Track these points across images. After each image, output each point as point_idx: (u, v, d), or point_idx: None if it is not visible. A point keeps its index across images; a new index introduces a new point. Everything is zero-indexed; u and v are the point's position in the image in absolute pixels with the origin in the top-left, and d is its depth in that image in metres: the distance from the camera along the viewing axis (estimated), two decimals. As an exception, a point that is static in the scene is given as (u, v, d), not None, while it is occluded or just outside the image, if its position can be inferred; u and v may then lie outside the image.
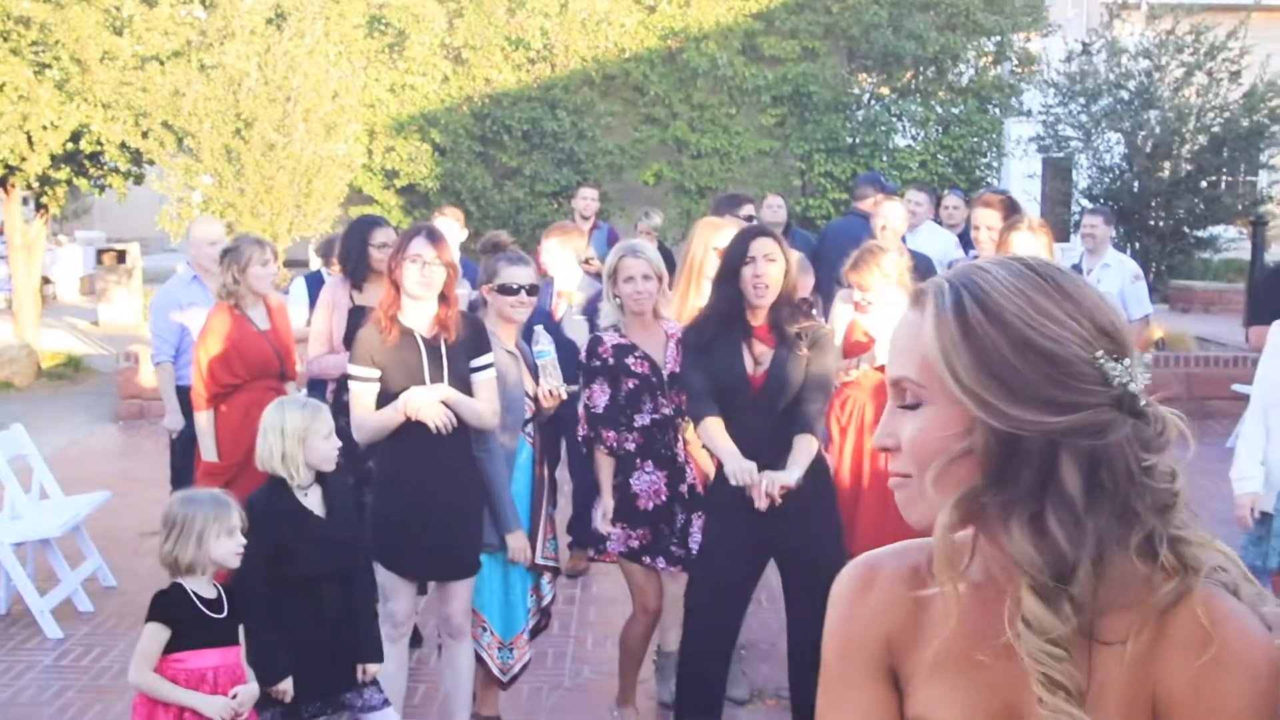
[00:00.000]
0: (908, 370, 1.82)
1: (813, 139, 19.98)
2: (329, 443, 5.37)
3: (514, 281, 6.33)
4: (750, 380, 5.83)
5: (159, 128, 16.54)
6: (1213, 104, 19.06)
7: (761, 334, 5.87)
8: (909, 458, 1.82)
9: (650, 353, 6.34)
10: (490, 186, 19.62)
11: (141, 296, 23.82)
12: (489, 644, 6.31)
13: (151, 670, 4.87)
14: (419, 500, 5.90)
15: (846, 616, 1.99)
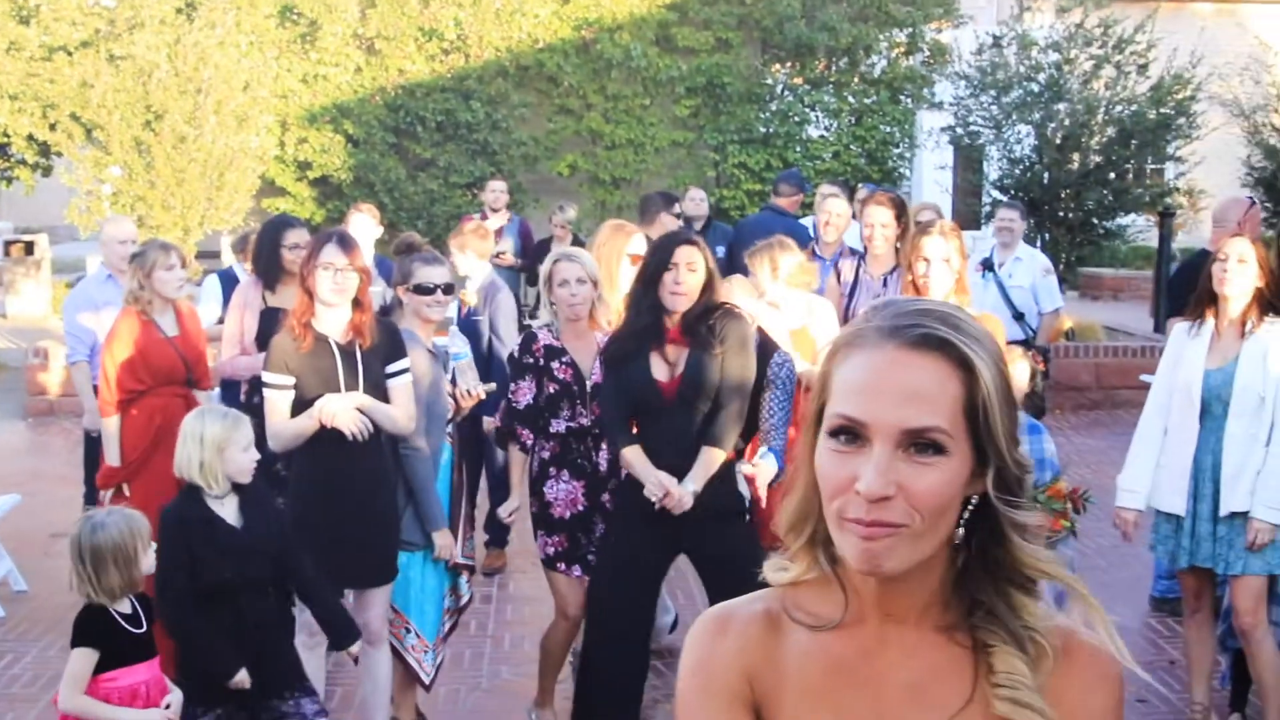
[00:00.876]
0: (938, 420, 1.79)
1: (726, 130, 20.04)
2: (247, 455, 5.33)
3: (430, 281, 6.36)
4: (662, 387, 5.84)
5: (67, 120, 16.35)
6: (1121, 96, 19.25)
7: (674, 336, 5.86)
8: (922, 508, 1.78)
9: (578, 360, 6.34)
10: (404, 178, 19.52)
11: (50, 289, 23.51)
12: (414, 646, 6.30)
13: (83, 694, 4.82)
14: (335, 508, 5.88)
15: (705, 656, 2.00)
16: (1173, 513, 6.30)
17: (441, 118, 19.63)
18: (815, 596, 1.96)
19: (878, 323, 1.86)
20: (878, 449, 1.78)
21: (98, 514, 4.98)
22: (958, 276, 6.65)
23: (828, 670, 1.92)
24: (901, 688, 1.89)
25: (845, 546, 1.82)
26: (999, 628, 1.87)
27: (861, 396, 1.81)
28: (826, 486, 1.83)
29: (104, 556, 4.83)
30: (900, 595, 1.89)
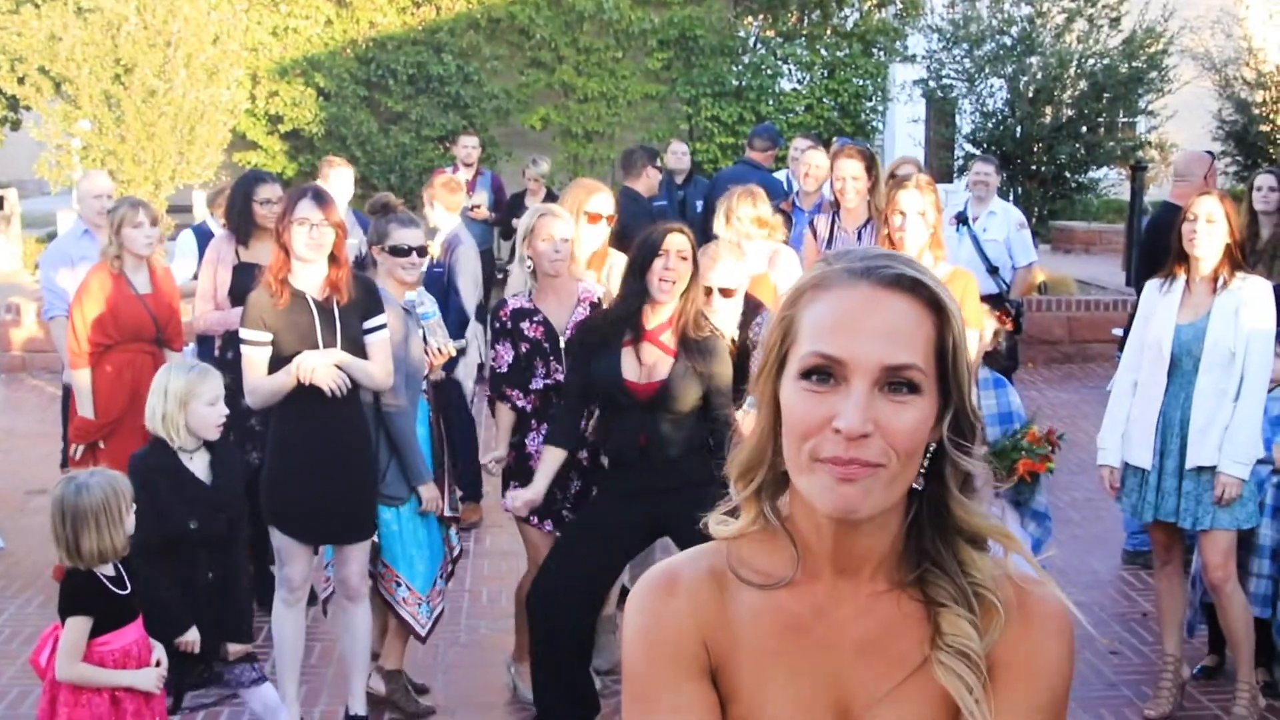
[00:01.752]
0: (916, 358, 1.80)
1: (699, 83, 19.98)
2: (213, 409, 5.34)
3: (405, 243, 6.45)
4: (632, 387, 5.86)
5: (35, 73, 16.22)
6: (1093, 50, 19.31)
7: (654, 338, 5.89)
8: (899, 447, 1.79)
9: (550, 317, 6.36)
10: (376, 131, 19.42)
11: (20, 244, 23.37)
12: (405, 599, 6.34)
13: (80, 662, 4.83)
14: (313, 464, 5.91)
15: (652, 622, 1.96)
16: (1139, 466, 6.36)
17: (413, 71, 19.51)
18: (762, 552, 1.95)
19: (844, 265, 1.86)
20: (856, 386, 1.78)
21: (80, 474, 4.96)
22: (933, 231, 6.68)
23: (781, 629, 1.91)
24: (856, 645, 1.89)
25: (815, 490, 1.80)
26: (948, 584, 1.88)
27: (838, 334, 1.81)
28: (797, 428, 1.81)
29: (86, 518, 4.81)
30: (856, 548, 1.89)
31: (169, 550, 5.25)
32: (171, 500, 5.25)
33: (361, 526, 6.07)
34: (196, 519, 5.29)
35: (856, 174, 8.25)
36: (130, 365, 7.53)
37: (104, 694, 4.87)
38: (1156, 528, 6.44)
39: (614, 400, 5.93)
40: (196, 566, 5.34)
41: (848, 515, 1.80)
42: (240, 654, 5.53)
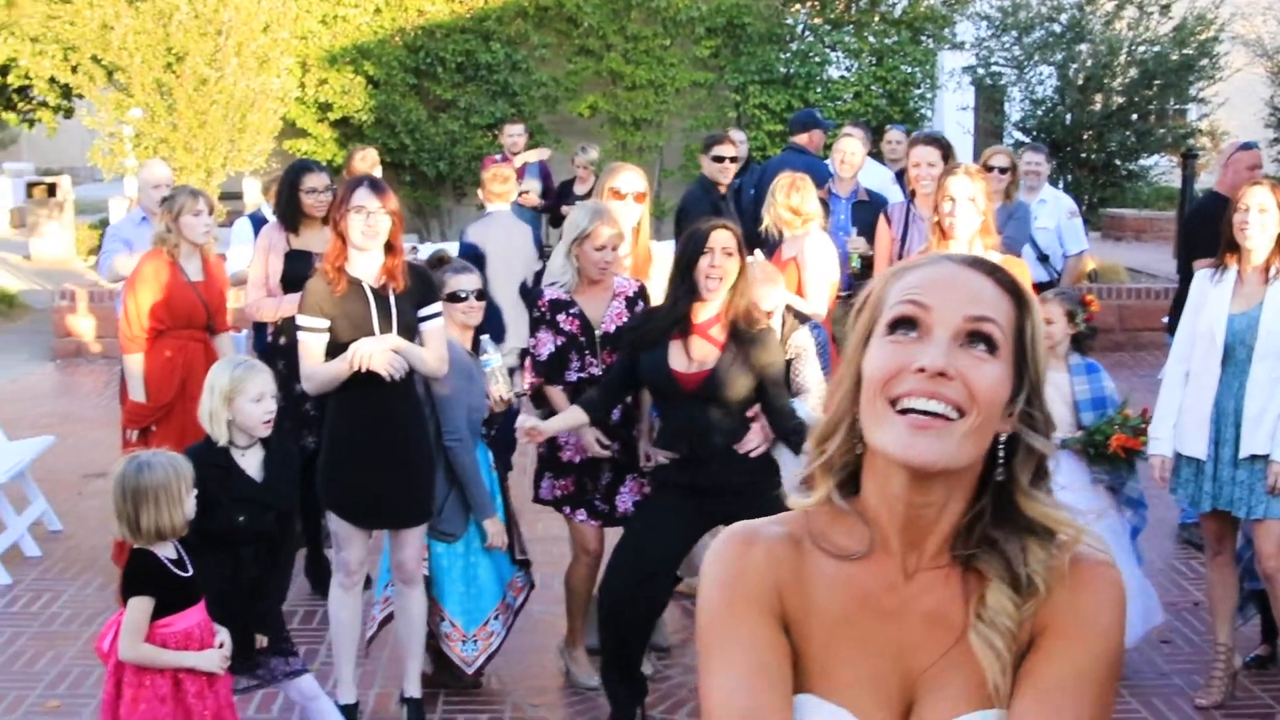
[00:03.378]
0: (997, 316, 1.91)
1: (747, 71, 19.95)
2: (258, 406, 5.36)
3: (461, 289, 6.52)
4: (680, 378, 5.92)
5: (88, 62, 16.34)
6: (1143, 37, 19.18)
7: (703, 331, 5.93)
8: (979, 396, 1.86)
9: (587, 310, 6.46)
10: (424, 119, 19.49)
11: (74, 230, 23.59)
12: (449, 633, 6.41)
13: (143, 643, 4.90)
14: (369, 450, 5.97)
15: (731, 568, 2.01)
16: (1194, 456, 6.35)
17: (461, 59, 19.58)
18: (836, 525, 2.02)
19: (923, 258, 2.00)
20: (939, 334, 1.88)
21: (143, 453, 5.03)
22: (984, 219, 6.69)
23: (853, 599, 1.97)
24: (923, 618, 1.95)
25: (890, 438, 1.87)
26: (999, 562, 1.93)
27: (925, 290, 1.92)
28: (878, 374, 1.90)
29: (146, 495, 4.87)
30: (923, 523, 1.95)
31: (215, 544, 5.31)
32: (221, 495, 5.30)
33: (417, 510, 6.13)
34: (245, 515, 5.35)
35: (932, 160, 8.13)
36: (182, 351, 7.63)
37: (167, 675, 4.93)
38: (1210, 517, 6.43)
39: (663, 392, 6.03)
40: (242, 562, 5.40)
41: (918, 463, 1.86)
42: (261, 645, 5.56)
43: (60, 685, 6.81)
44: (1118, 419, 6.53)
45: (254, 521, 5.37)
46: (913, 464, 1.86)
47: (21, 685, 6.80)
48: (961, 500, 1.95)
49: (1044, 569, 1.92)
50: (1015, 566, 1.92)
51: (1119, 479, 6.61)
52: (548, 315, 6.49)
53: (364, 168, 10.44)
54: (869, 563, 1.99)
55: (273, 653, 5.59)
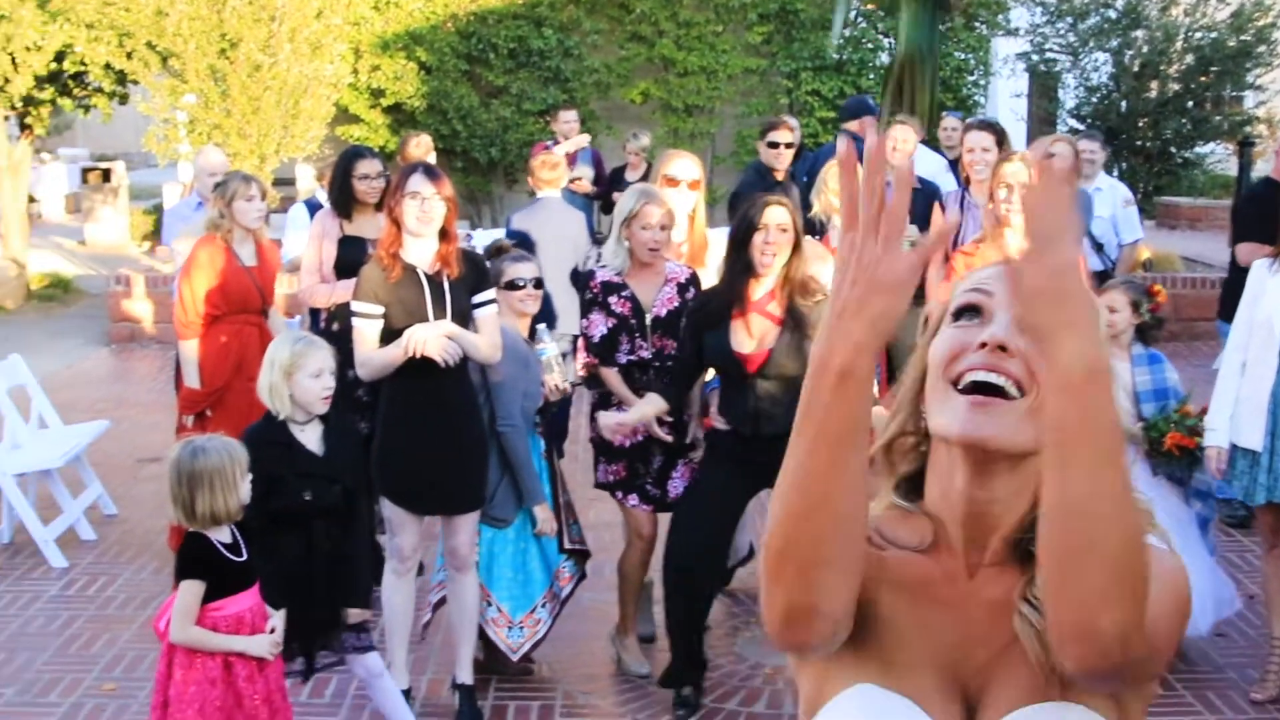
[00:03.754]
0: None
1: (799, 57, 19.90)
2: (317, 381, 5.37)
3: (519, 277, 6.52)
4: (743, 359, 6.01)
5: (143, 48, 16.42)
6: (1200, 23, 19.01)
7: (760, 308, 6.03)
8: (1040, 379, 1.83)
9: (639, 293, 6.51)
10: (476, 105, 19.52)
11: (128, 215, 23.75)
12: (495, 618, 6.42)
13: (193, 625, 4.93)
14: (423, 436, 5.99)
15: None
16: (1250, 448, 6.29)
17: (514, 45, 19.59)
18: (899, 527, 2.04)
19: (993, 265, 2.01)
20: (1000, 316, 1.90)
21: (199, 438, 5.06)
22: None
23: (919, 585, 1.98)
24: (986, 610, 1.95)
25: (949, 417, 1.89)
26: None
27: (989, 281, 1.94)
28: (941, 355, 1.93)
29: (201, 480, 4.90)
30: (985, 519, 1.95)
31: (284, 522, 5.34)
32: (283, 473, 5.33)
33: (470, 497, 6.14)
34: (310, 490, 5.36)
35: (986, 145, 8.17)
36: (237, 336, 7.68)
37: (217, 658, 4.95)
38: (1266, 510, 6.36)
39: (728, 373, 6.10)
40: (314, 537, 5.41)
41: (977, 438, 1.87)
42: (360, 619, 5.62)
43: (116, 668, 6.86)
44: (1174, 416, 6.47)
45: (320, 496, 5.39)
46: (971, 439, 1.87)
47: (78, 668, 6.86)
48: (1026, 500, 1.94)
49: None
50: None
51: (1179, 473, 6.56)
52: (600, 297, 6.55)
53: (419, 154, 10.46)
54: (931, 556, 2.00)
55: (346, 627, 5.63)
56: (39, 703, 6.49)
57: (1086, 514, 1.67)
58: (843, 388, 1.75)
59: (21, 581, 8.04)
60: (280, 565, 5.28)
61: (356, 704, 6.40)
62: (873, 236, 1.75)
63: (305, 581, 5.38)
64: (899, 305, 1.75)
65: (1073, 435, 1.67)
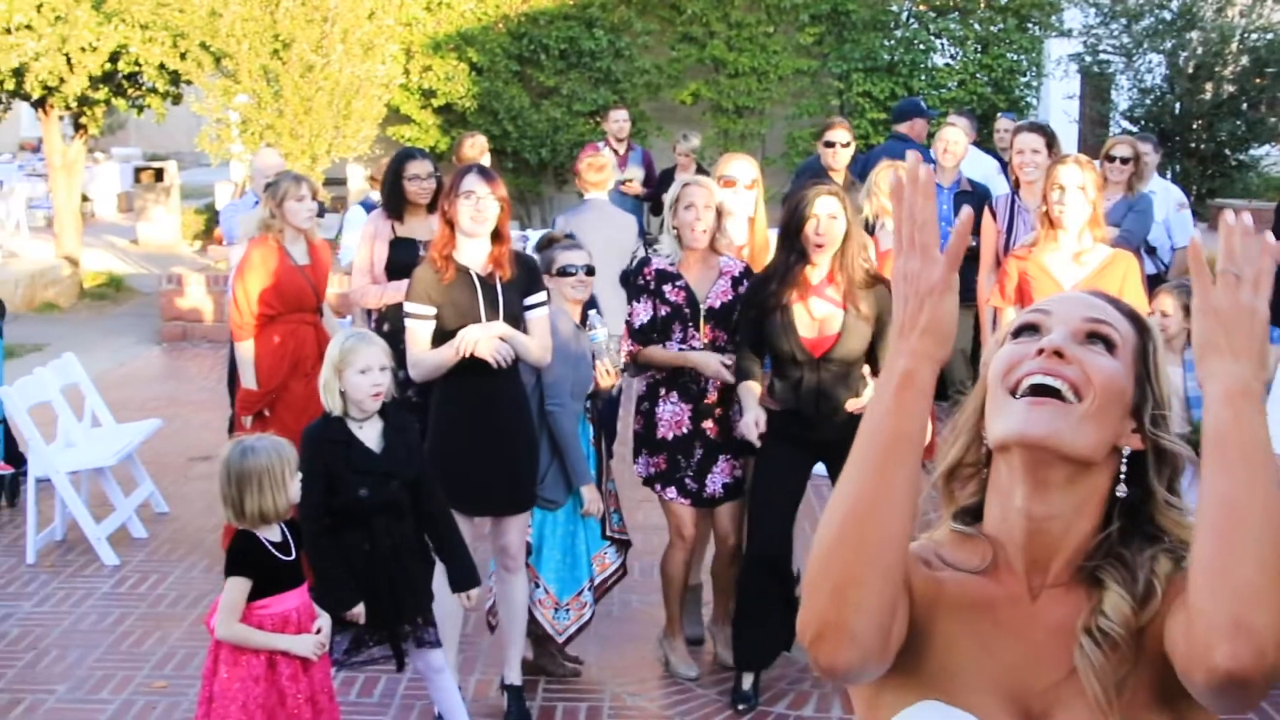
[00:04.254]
0: (1115, 322, 1.97)
1: (851, 58, 19.80)
2: (364, 377, 5.37)
3: (571, 264, 6.56)
4: (806, 344, 6.20)
5: (197, 49, 16.52)
6: (1256, 24, 18.82)
7: (819, 291, 6.23)
8: (1095, 380, 1.91)
9: (693, 284, 6.54)
10: (527, 106, 19.53)
11: (179, 214, 23.91)
12: (542, 599, 6.42)
13: (238, 622, 4.95)
14: (475, 436, 6.01)
15: None
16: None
17: (564, 45, 19.59)
18: (960, 550, 2.04)
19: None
20: (1058, 329, 1.95)
21: (248, 438, 5.08)
22: (1093, 210, 6.62)
23: (979, 606, 1.96)
24: (1048, 633, 1.93)
25: (1007, 419, 1.92)
26: (1123, 571, 1.92)
27: (1048, 303, 2.02)
28: (999, 367, 1.96)
29: (250, 480, 4.93)
30: (1046, 539, 1.95)
31: (345, 519, 5.36)
32: (343, 469, 5.36)
33: (520, 498, 6.16)
34: (367, 487, 5.38)
35: (1036, 147, 8.10)
36: (292, 336, 7.71)
37: (261, 656, 4.97)
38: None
39: (789, 358, 6.20)
40: (375, 534, 5.43)
41: (1034, 436, 1.89)
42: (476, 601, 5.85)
43: (167, 666, 6.90)
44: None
45: (378, 492, 5.40)
46: (1030, 438, 1.89)
47: (129, 665, 6.90)
48: (1087, 520, 1.95)
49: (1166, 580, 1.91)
50: (1139, 574, 1.91)
51: None
52: (652, 284, 6.59)
53: (474, 154, 10.52)
54: (992, 578, 1.99)
55: (425, 621, 5.68)
56: (90, 700, 6.54)
57: (1240, 511, 1.72)
58: (901, 395, 1.83)
59: (74, 579, 8.10)
60: (328, 568, 5.33)
61: (405, 704, 6.42)
62: (914, 253, 1.85)
63: (369, 577, 5.42)
64: (946, 308, 1.84)
65: (1230, 443, 1.76)
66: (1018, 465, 1.93)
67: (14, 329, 12.01)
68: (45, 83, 16.96)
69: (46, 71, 16.74)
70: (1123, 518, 1.95)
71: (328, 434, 5.42)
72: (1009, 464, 1.95)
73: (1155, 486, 1.96)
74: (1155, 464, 1.96)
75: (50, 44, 16.60)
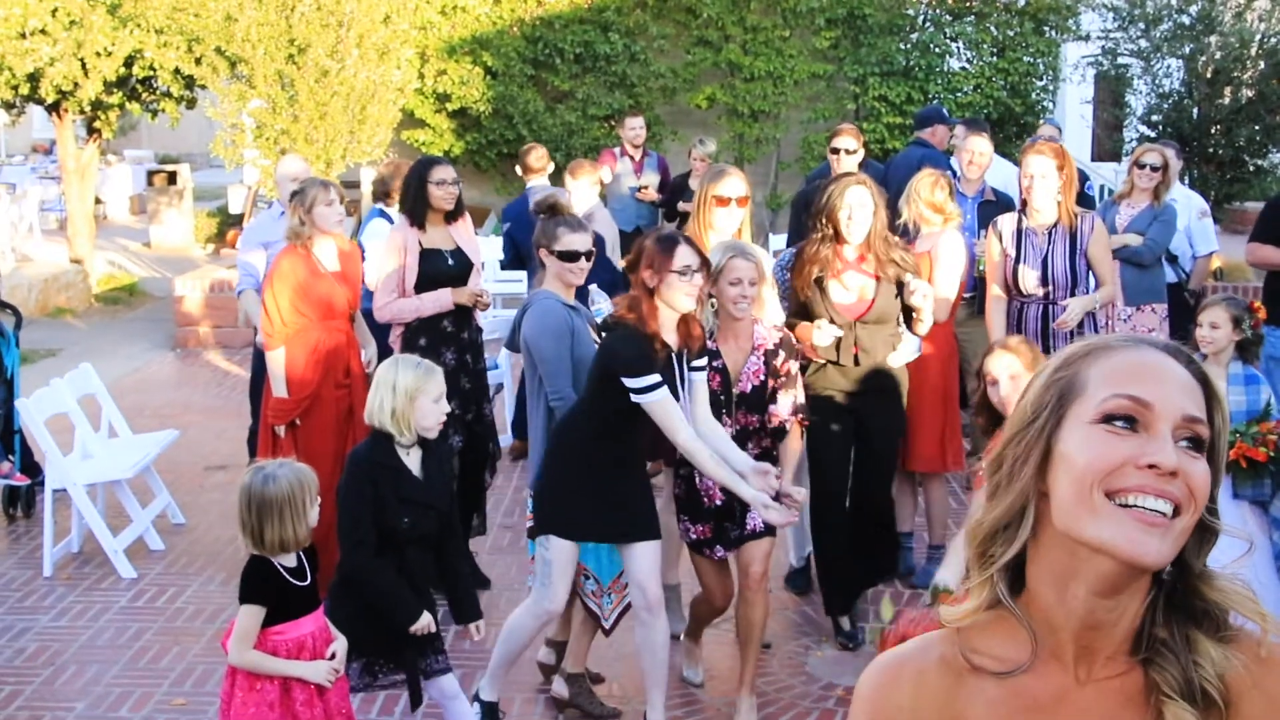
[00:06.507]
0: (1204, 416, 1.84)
1: (867, 62, 19.73)
2: (438, 406, 5.39)
3: (575, 248, 6.43)
4: (843, 310, 7.03)
5: (212, 54, 16.47)
6: (1276, 29, 18.71)
7: (856, 267, 7.06)
8: (1198, 495, 1.79)
9: (729, 362, 6.40)
10: (542, 110, 19.49)
11: (192, 217, 23.88)
12: (593, 590, 6.35)
13: (252, 649, 4.91)
14: (624, 471, 5.99)
15: (874, 711, 1.95)
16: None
17: (580, 49, 19.55)
18: (995, 637, 1.90)
19: (1116, 337, 1.91)
20: (1162, 430, 1.79)
21: (269, 465, 5.03)
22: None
23: (1021, 714, 1.85)
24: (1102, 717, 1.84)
25: (1114, 531, 1.77)
26: (1175, 671, 1.81)
27: (1143, 382, 1.82)
28: (1093, 467, 1.78)
29: (271, 510, 4.88)
30: (1103, 624, 1.84)
31: (380, 545, 5.31)
32: (390, 496, 5.31)
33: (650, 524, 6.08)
34: (409, 516, 5.34)
35: (1045, 172, 7.70)
36: (325, 343, 7.62)
37: (275, 681, 4.94)
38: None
39: (830, 321, 6.99)
40: (405, 561, 5.39)
41: (1147, 563, 1.77)
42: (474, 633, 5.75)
43: (186, 682, 6.85)
44: (1241, 427, 6.33)
45: (417, 523, 5.39)
46: (1141, 563, 1.77)
47: (148, 682, 6.85)
48: (1139, 599, 1.85)
49: (1219, 674, 1.81)
50: (1188, 671, 1.81)
51: (1261, 494, 6.40)
52: None
53: (539, 165, 10.75)
54: (1034, 673, 1.87)
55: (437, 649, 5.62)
56: (109, 717, 6.49)
57: None
58: None
59: (91, 592, 8.04)
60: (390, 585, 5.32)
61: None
62: None
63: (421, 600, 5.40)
64: None
65: None
66: (1097, 569, 1.81)
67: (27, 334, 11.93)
68: (60, 87, 16.91)
69: (61, 76, 16.70)
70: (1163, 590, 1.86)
71: (378, 457, 5.37)
72: (1078, 557, 1.82)
73: (1192, 561, 1.85)
74: (1198, 542, 1.85)
75: (65, 49, 16.56)
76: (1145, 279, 9.41)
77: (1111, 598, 1.82)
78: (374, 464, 5.34)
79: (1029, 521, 1.86)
